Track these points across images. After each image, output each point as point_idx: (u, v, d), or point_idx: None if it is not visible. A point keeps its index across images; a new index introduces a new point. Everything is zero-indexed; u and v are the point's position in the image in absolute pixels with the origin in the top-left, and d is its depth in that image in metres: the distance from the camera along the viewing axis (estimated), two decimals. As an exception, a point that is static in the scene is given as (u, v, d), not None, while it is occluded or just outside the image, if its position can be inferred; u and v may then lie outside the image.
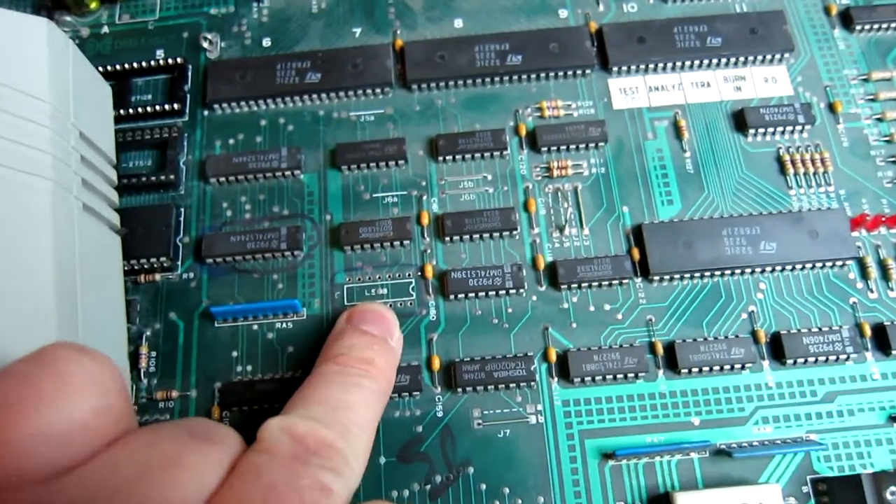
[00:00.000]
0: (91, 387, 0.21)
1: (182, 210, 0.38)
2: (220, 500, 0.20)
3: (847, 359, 0.34)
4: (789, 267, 0.36)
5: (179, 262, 0.37)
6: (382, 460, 0.33)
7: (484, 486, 0.33)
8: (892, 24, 0.41)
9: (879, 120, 0.39)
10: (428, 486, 0.33)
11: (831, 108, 0.39)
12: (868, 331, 0.35)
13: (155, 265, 0.37)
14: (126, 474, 0.19)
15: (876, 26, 0.41)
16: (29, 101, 0.30)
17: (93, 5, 0.43)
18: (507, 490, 0.33)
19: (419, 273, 0.36)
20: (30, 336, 0.27)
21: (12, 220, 0.28)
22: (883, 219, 0.36)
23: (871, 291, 0.36)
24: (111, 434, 0.21)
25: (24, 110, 0.29)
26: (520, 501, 0.32)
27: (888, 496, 0.31)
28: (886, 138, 0.39)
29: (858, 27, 0.41)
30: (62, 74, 0.32)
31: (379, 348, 0.31)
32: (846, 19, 0.41)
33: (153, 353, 0.36)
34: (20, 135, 0.29)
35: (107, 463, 0.20)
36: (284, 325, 0.36)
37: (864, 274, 0.36)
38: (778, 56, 0.40)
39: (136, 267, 0.37)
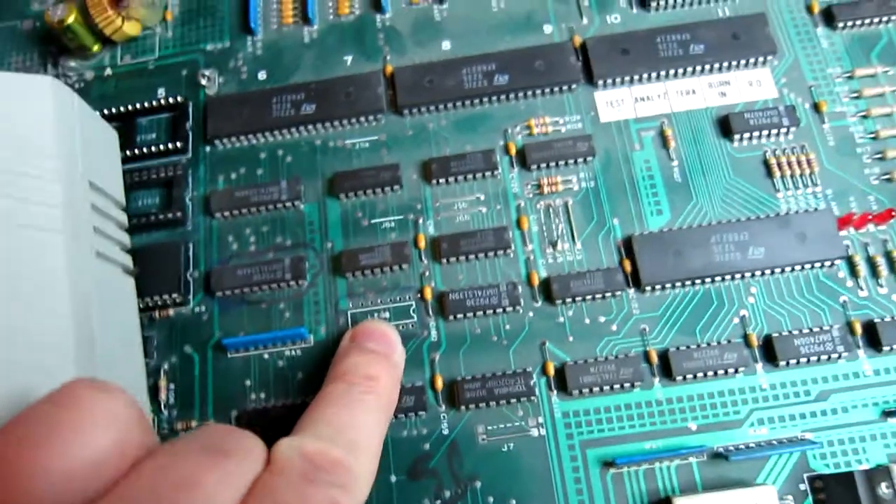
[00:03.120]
0: (109, 421, 0.21)
1: (191, 245, 0.40)
2: None
3: (839, 357, 0.35)
4: (778, 270, 0.36)
5: (191, 297, 0.39)
6: (393, 478, 0.35)
7: (491, 499, 0.34)
8: (876, 19, 0.41)
9: (864, 117, 0.39)
10: (438, 502, 0.34)
11: (816, 107, 0.40)
12: (859, 328, 0.35)
13: (168, 301, 0.38)
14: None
15: (859, 22, 0.41)
16: (38, 160, 0.31)
17: (95, 48, 0.44)
18: (513, 502, 0.34)
19: (419, 295, 0.37)
20: (50, 379, 0.28)
21: (29, 275, 0.30)
22: (870, 216, 0.37)
23: (861, 289, 0.36)
24: (131, 462, 0.21)
25: (34, 169, 0.31)
26: (526, 512, 0.34)
27: (881, 491, 0.31)
28: (872, 135, 0.39)
29: (841, 24, 0.41)
30: (69, 128, 0.33)
31: (382, 365, 0.32)
32: (829, 17, 0.41)
33: (171, 386, 0.37)
34: (32, 193, 0.30)
35: (123, 494, 0.20)
36: (293, 352, 0.37)
37: (853, 272, 0.36)
38: (761, 59, 0.40)
39: (150, 304, 0.38)
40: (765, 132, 0.39)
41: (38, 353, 0.29)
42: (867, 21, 0.41)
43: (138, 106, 0.42)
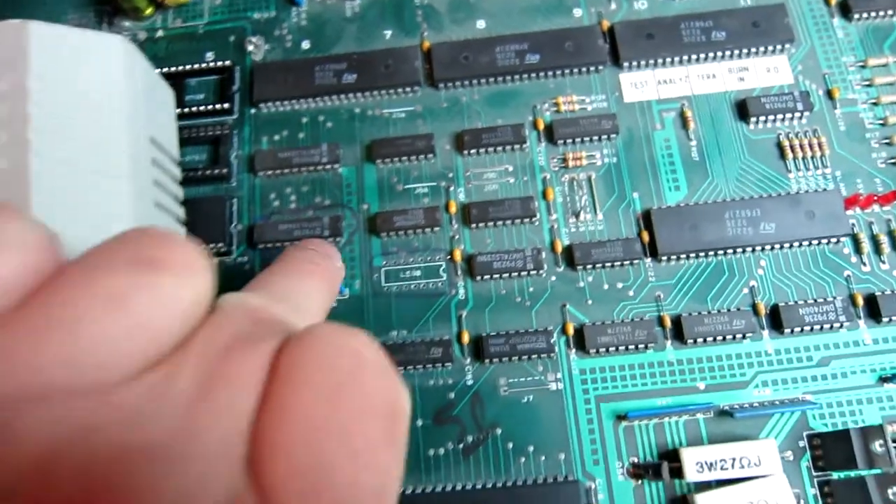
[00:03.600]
0: (15, 242, 0.17)
1: (235, 201, 0.42)
2: (177, 357, 0.17)
3: (840, 327, 0.37)
4: (787, 245, 0.39)
5: (234, 248, 0.41)
6: (420, 423, 0.37)
7: (511, 445, 0.37)
8: (890, 12, 0.43)
9: (875, 104, 0.42)
10: (461, 445, 0.37)
11: (829, 94, 0.42)
12: (860, 301, 0.38)
13: (213, 250, 0.41)
14: (54, 317, 0.16)
15: (874, 14, 0.43)
16: (107, 113, 0.33)
17: (148, 11, 0.47)
18: (531, 448, 0.36)
19: (448, 257, 0.40)
20: None
21: (97, 219, 0.32)
22: (875, 197, 0.39)
23: (864, 265, 0.39)
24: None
25: (103, 120, 0.33)
26: (543, 458, 0.36)
27: (875, 448, 0.34)
28: (881, 121, 0.41)
29: (856, 16, 0.43)
30: (134, 85, 0.36)
31: (324, 260, 0.32)
32: (845, 8, 0.44)
33: (214, 331, 0.40)
34: (101, 143, 0.33)
35: (31, 310, 0.16)
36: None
37: (857, 249, 0.39)
38: (779, 47, 0.42)
39: (196, 254, 0.41)
40: (779, 116, 0.41)
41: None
42: (881, 13, 0.43)
43: (188, 67, 0.45)
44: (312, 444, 0.17)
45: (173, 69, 0.45)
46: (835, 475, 0.35)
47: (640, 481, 0.36)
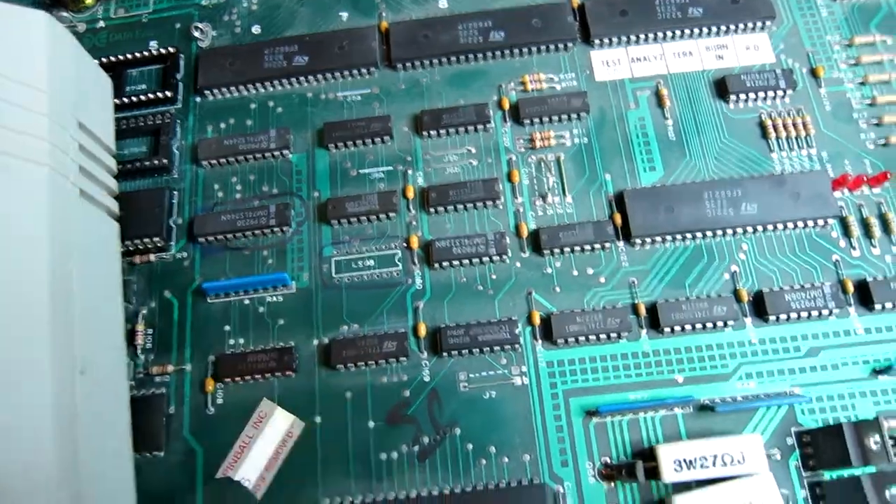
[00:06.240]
0: None
1: (176, 193, 0.42)
2: None
3: (830, 314, 0.37)
4: (771, 227, 0.38)
5: (173, 243, 0.41)
6: (371, 424, 0.36)
7: (470, 446, 0.36)
8: (876, -10, 0.44)
9: (862, 84, 0.42)
10: (416, 448, 0.36)
11: (813, 73, 0.42)
12: (851, 287, 0.37)
13: (149, 246, 0.40)
14: None
15: (860, -8, 0.44)
16: (27, 91, 0.33)
17: (88, 1, 0.47)
18: (493, 449, 0.36)
19: (405, 244, 0.40)
20: (23, 317, 0.30)
21: (9, 203, 0.31)
22: (865, 178, 0.39)
23: (854, 249, 0.38)
24: None
25: (21, 99, 0.33)
26: (506, 459, 0.35)
27: (871, 444, 0.33)
28: (869, 101, 0.41)
29: (842, -6, 0.44)
30: (61, 66, 0.36)
31: None
32: (829, -14, 0.44)
33: (149, 331, 0.39)
34: (18, 122, 0.32)
35: None
36: (275, 298, 0.39)
37: (846, 232, 0.39)
38: (759, 24, 0.43)
39: (131, 248, 0.40)
40: (761, 94, 0.41)
41: (10, 286, 0.30)
42: (868, -9, 0.44)
43: (129, 56, 0.45)
44: None
45: (113, 59, 0.45)
46: (826, 475, 0.34)
47: (612, 484, 0.35)
